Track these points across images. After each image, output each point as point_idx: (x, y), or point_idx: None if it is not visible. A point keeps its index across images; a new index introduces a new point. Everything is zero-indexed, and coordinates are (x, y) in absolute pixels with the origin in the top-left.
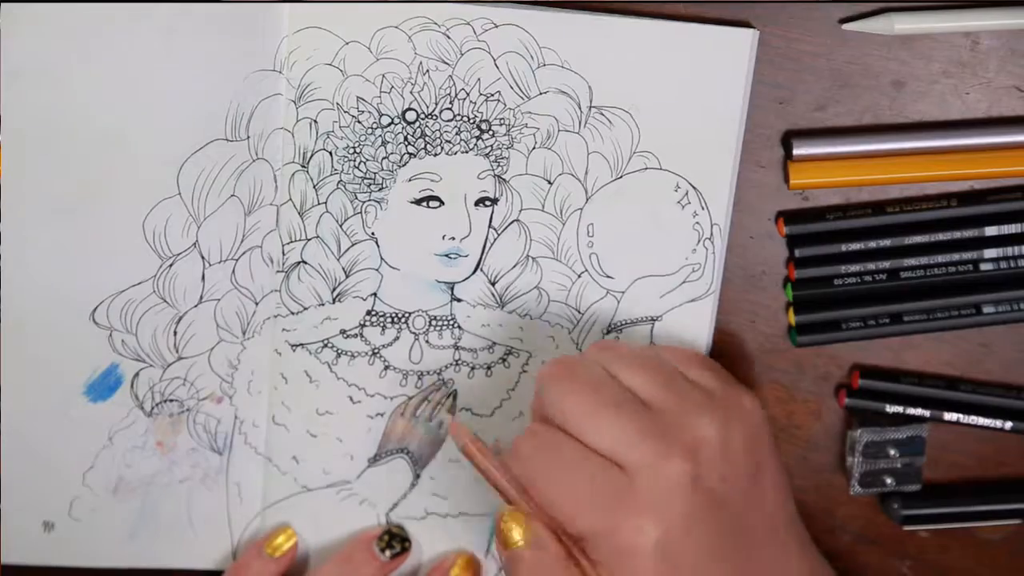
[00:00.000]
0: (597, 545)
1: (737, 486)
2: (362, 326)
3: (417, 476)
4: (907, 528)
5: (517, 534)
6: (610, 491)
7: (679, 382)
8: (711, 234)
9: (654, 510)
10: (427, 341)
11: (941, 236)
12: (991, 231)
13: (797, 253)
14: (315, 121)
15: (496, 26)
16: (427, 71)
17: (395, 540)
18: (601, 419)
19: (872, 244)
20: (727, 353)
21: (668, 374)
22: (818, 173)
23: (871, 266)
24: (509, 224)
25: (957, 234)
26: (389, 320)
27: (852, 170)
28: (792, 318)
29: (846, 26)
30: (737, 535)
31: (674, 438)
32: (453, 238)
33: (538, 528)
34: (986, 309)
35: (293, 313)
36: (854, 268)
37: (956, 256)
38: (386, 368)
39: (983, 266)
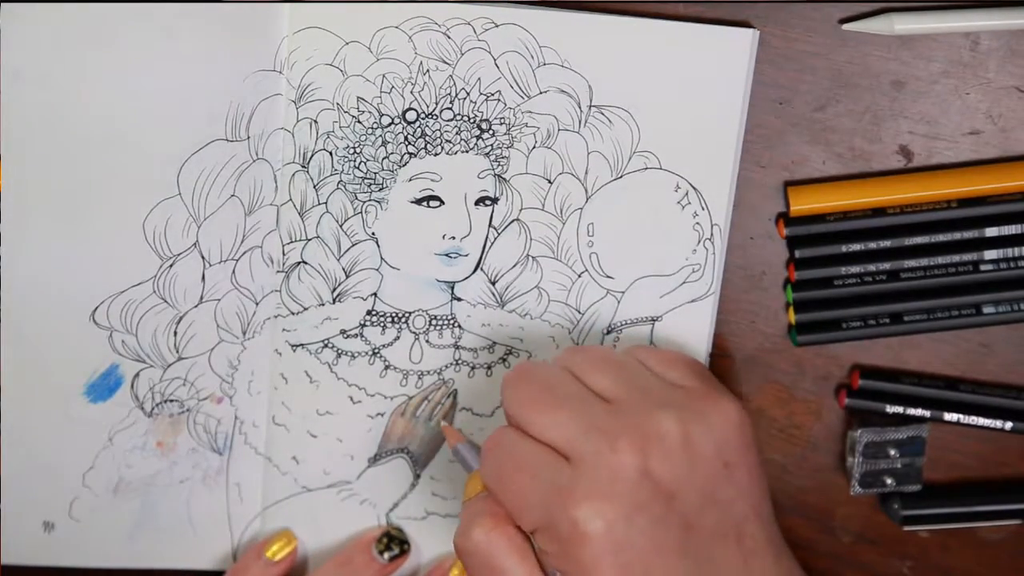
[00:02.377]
0: (547, 538)
1: (694, 483)
2: (362, 326)
3: (417, 476)
4: (907, 528)
5: (472, 488)
6: (554, 484)
7: (645, 379)
8: (711, 234)
9: (595, 498)
10: (427, 341)
11: (941, 237)
12: (991, 232)
13: (797, 254)
14: (315, 121)
15: (496, 26)
16: (427, 71)
17: (394, 542)
18: (549, 413)
19: (872, 245)
20: (727, 353)
21: (634, 372)
22: (819, 197)
23: (871, 267)
24: (509, 223)
25: (957, 235)
26: (389, 320)
27: (853, 192)
28: (792, 317)
29: (846, 26)
30: (689, 531)
31: (625, 430)
32: (453, 237)
33: (502, 525)
34: (986, 309)
35: (293, 313)
36: (854, 269)
37: (956, 257)
38: (386, 368)
39: (983, 267)
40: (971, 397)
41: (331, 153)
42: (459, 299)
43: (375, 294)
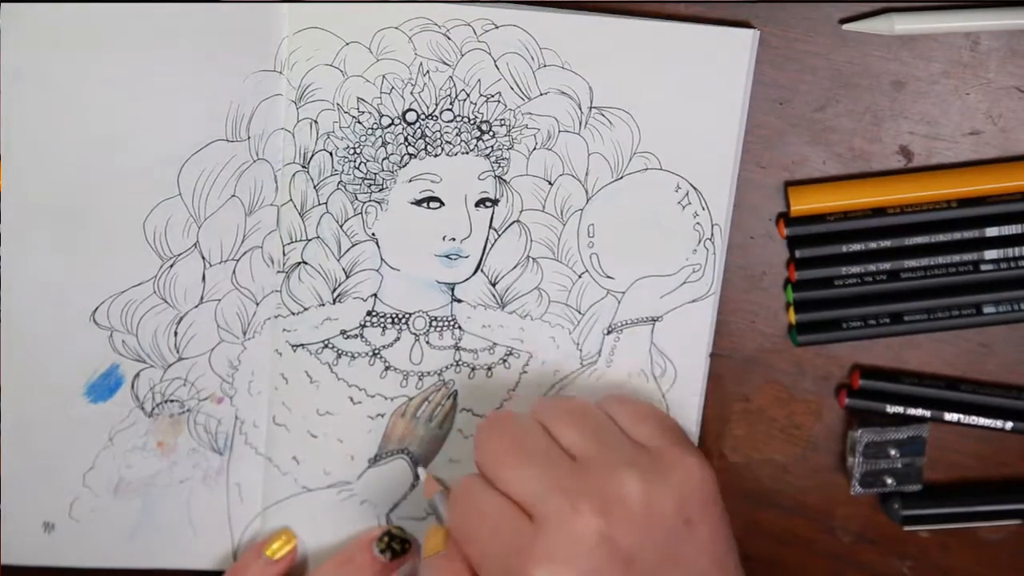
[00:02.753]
0: None
1: (654, 544)
2: (362, 327)
3: (417, 477)
4: (907, 528)
5: (433, 543)
6: (514, 541)
7: (612, 437)
8: (711, 234)
9: (553, 561)
10: (428, 342)
11: (941, 237)
12: (991, 232)
13: (798, 254)
14: (315, 122)
15: (496, 27)
16: (427, 72)
17: (395, 541)
18: (516, 469)
19: (872, 245)
20: (727, 353)
21: (601, 428)
22: (819, 197)
23: (871, 267)
24: (509, 225)
25: (957, 235)
26: (389, 321)
27: (853, 192)
28: (792, 317)
29: (846, 26)
30: None
31: (589, 492)
32: (453, 239)
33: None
34: (987, 309)
35: (294, 313)
36: (855, 269)
37: (956, 257)
38: (387, 369)
39: (983, 267)
40: (971, 397)
41: (331, 153)
42: (459, 300)
43: (375, 295)
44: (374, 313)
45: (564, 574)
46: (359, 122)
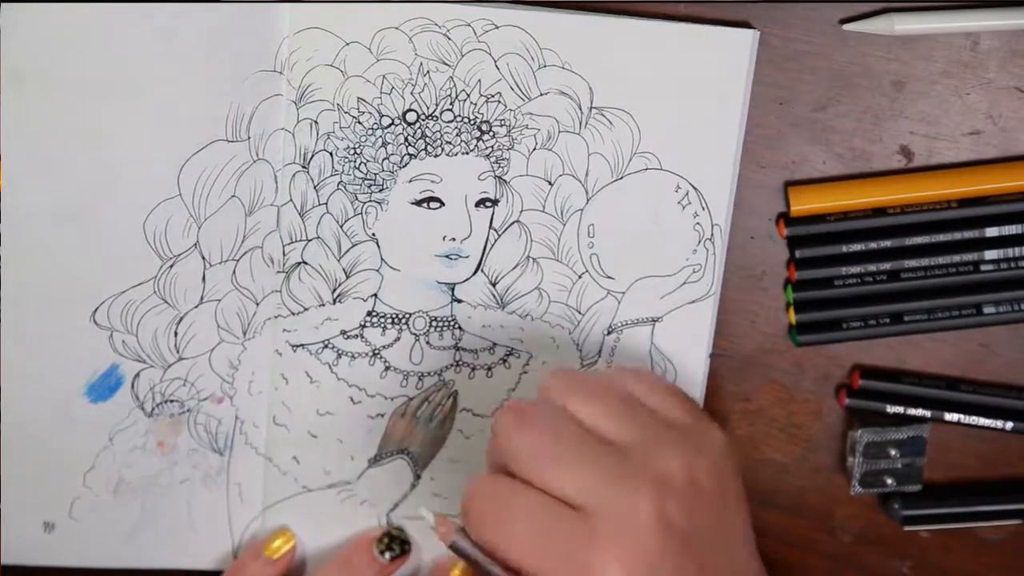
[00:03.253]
0: None
1: (704, 521)
2: (363, 327)
3: (418, 477)
4: (907, 528)
5: None
6: (570, 535)
7: (642, 414)
8: (712, 235)
9: (618, 550)
10: (428, 342)
11: (942, 237)
12: (992, 232)
13: (798, 254)
14: (316, 122)
15: (496, 27)
16: (427, 72)
17: (395, 542)
18: (562, 467)
19: (873, 245)
20: (727, 353)
21: (629, 405)
22: (819, 197)
23: (872, 267)
24: (510, 225)
25: (958, 235)
26: (390, 321)
27: (853, 192)
28: (793, 317)
29: (846, 26)
30: (703, 571)
31: (638, 476)
32: (454, 239)
33: None
34: (987, 309)
35: (294, 314)
36: (855, 269)
37: (957, 257)
38: (387, 369)
39: (984, 267)
40: (971, 397)
41: (331, 154)
42: (459, 300)
43: (375, 295)
44: (374, 313)
45: (627, 559)
46: (359, 122)
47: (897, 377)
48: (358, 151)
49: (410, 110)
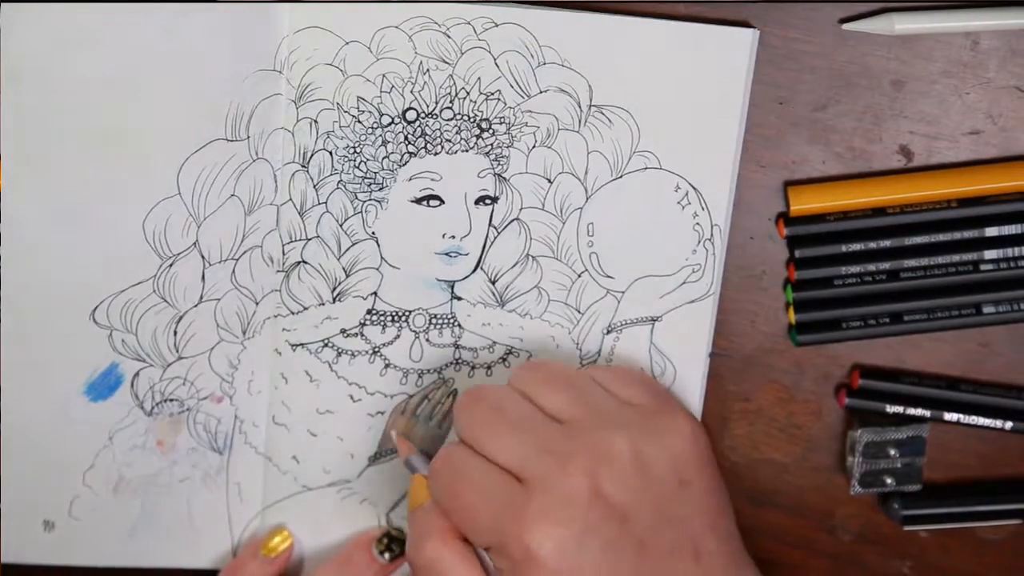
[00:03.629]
0: (499, 557)
1: (648, 502)
2: (362, 325)
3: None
4: (907, 528)
5: (418, 494)
6: (506, 504)
7: (597, 398)
8: (711, 235)
9: (547, 521)
10: (427, 340)
11: (941, 237)
12: (991, 232)
13: (797, 254)
14: (315, 121)
15: (496, 25)
16: (427, 70)
17: (394, 543)
18: (502, 435)
19: (872, 245)
20: (727, 353)
21: (585, 391)
22: (819, 197)
23: (871, 267)
24: (509, 223)
25: (957, 235)
26: (389, 319)
27: (853, 192)
28: (792, 317)
29: (846, 26)
30: (643, 550)
31: (577, 451)
32: (453, 237)
33: (452, 541)
34: (986, 309)
35: (293, 313)
36: (854, 269)
37: (956, 257)
38: (386, 367)
39: (983, 267)
40: (971, 397)
41: (331, 153)
42: (459, 298)
43: (375, 293)
44: (374, 311)
45: (559, 534)
46: (359, 121)
47: (897, 377)
48: (358, 150)
49: (410, 108)
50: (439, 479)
